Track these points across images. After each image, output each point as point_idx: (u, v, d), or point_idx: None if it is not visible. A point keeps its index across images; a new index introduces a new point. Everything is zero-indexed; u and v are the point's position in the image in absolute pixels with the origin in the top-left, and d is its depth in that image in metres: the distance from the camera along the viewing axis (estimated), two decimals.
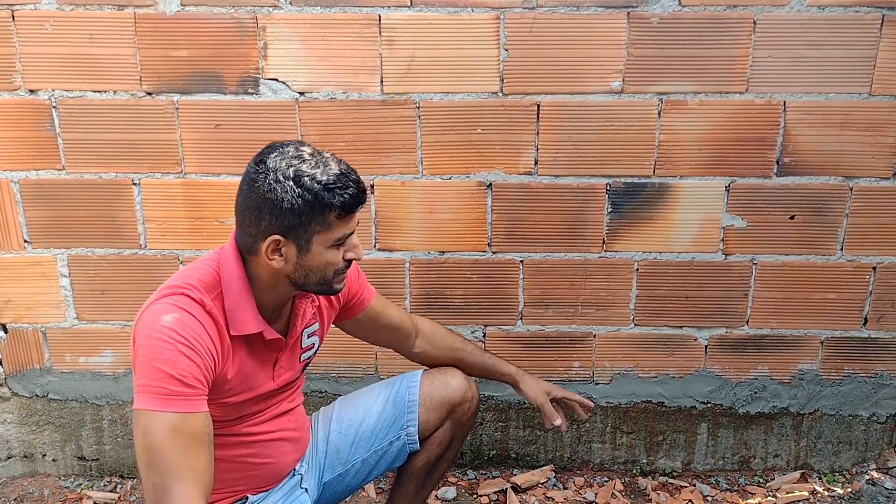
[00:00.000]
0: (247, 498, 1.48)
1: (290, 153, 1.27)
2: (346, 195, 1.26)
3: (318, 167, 1.26)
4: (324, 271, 1.32)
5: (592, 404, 1.83)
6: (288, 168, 1.25)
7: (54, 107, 1.99)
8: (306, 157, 1.27)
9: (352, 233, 1.33)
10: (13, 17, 1.92)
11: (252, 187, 1.27)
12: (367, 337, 1.73)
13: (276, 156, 1.27)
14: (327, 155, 1.30)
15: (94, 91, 1.98)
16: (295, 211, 1.25)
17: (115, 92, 1.98)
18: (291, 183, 1.24)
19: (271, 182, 1.24)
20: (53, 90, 1.98)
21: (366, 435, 1.65)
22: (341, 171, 1.27)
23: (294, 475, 1.58)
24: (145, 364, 1.21)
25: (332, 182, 1.25)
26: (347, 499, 2.16)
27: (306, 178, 1.24)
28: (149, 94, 1.98)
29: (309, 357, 1.55)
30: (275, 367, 1.44)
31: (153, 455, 1.17)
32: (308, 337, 1.52)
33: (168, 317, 1.23)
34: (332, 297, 1.57)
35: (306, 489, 1.60)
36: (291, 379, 1.51)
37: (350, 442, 1.65)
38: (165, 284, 1.32)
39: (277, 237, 1.27)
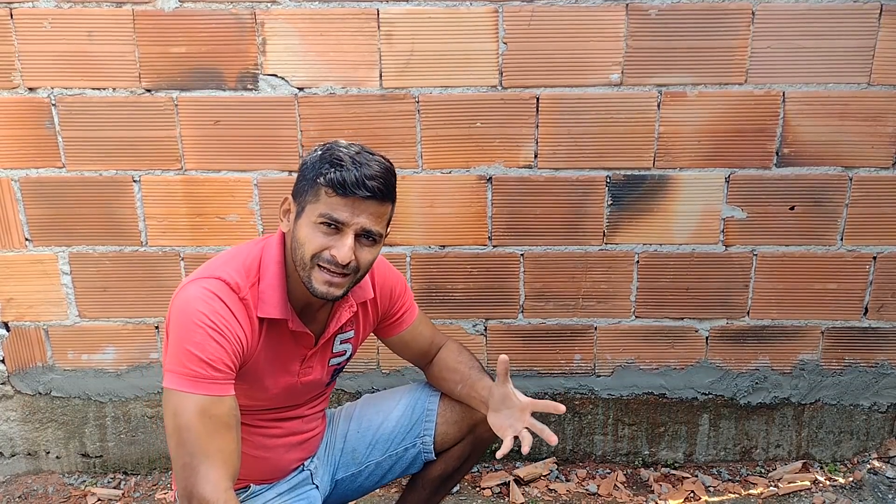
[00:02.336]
0: (249, 486, 1.49)
1: (350, 143, 1.34)
2: (340, 174, 1.25)
3: (349, 149, 1.30)
4: (303, 248, 1.29)
5: (552, 437, 1.46)
6: (329, 144, 1.33)
7: (54, 105, 1.99)
8: (354, 146, 1.32)
9: (342, 223, 1.27)
10: (11, 14, 1.92)
11: None
12: (398, 353, 1.69)
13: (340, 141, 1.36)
14: (375, 153, 1.32)
15: (94, 88, 1.98)
16: (305, 175, 1.32)
17: (114, 89, 1.98)
18: (318, 152, 1.32)
19: (312, 150, 1.35)
20: (53, 88, 1.98)
21: (383, 438, 1.64)
22: (356, 159, 1.28)
23: (303, 470, 1.58)
24: (176, 344, 1.24)
25: (339, 160, 1.27)
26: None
27: (328, 153, 1.30)
28: (148, 90, 1.98)
29: (339, 363, 1.54)
30: (302, 365, 1.44)
31: (183, 435, 1.21)
32: (341, 343, 1.51)
33: (200, 300, 1.25)
34: (372, 307, 1.54)
35: (317, 485, 1.59)
36: (318, 381, 1.50)
37: (367, 443, 1.65)
38: (208, 265, 1.34)
39: (289, 196, 1.36)
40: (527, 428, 1.45)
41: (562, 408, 1.44)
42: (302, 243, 1.29)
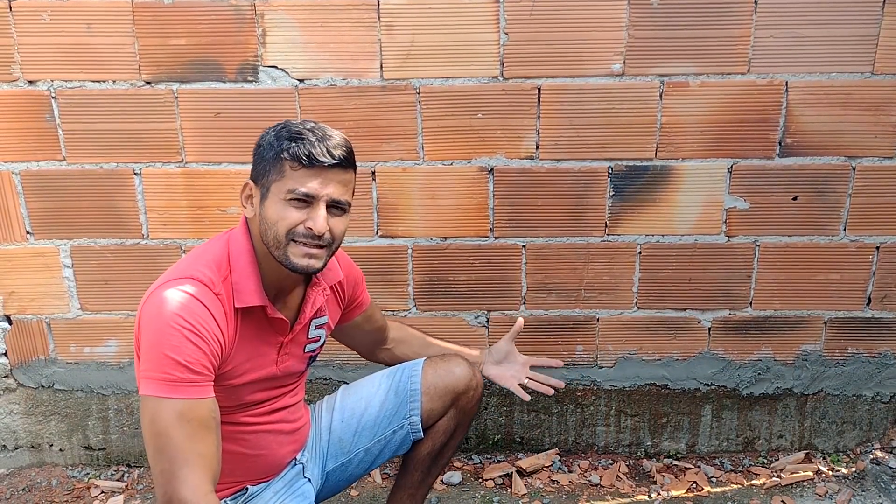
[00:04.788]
0: (247, 489, 1.49)
1: (300, 120, 1.35)
2: (303, 147, 1.27)
3: (304, 124, 1.31)
4: (276, 226, 1.29)
5: (556, 384, 1.76)
6: (281, 124, 1.33)
7: (54, 97, 1.98)
8: (308, 122, 1.33)
9: (312, 196, 1.29)
10: (10, 7, 1.91)
11: None
12: (348, 340, 1.77)
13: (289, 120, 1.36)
14: (331, 130, 1.34)
15: (94, 81, 1.97)
16: (263, 155, 1.33)
17: (114, 81, 1.97)
18: (272, 133, 1.33)
19: (264, 133, 1.35)
20: (52, 81, 1.97)
21: (368, 424, 1.65)
22: (313, 130, 1.30)
23: (295, 465, 1.59)
24: (151, 350, 1.22)
25: (296, 134, 1.29)
26: (353, 484, 2.17)
27: (284, 131, 1.31)
28: (148, 83, 1.97)
29: (314, 350, 1.55)
30: (279, 353, 1.44)
31: (161, 441, 1.19)
32: (315, 328, 1.52)
33: (175, 302, 1.23)
34: (339, 292, 1.57)
35: (309, 479, 1.60)
36: (295, 369, 1.51)
37: (353, 431, 1.65)
38: (175, 267, 1.33)
39: (249, 181, 1.36)
40: (529, 378, 1.77)
41: (559, 363, 1.81)
42: (274, 222, 1.30)
